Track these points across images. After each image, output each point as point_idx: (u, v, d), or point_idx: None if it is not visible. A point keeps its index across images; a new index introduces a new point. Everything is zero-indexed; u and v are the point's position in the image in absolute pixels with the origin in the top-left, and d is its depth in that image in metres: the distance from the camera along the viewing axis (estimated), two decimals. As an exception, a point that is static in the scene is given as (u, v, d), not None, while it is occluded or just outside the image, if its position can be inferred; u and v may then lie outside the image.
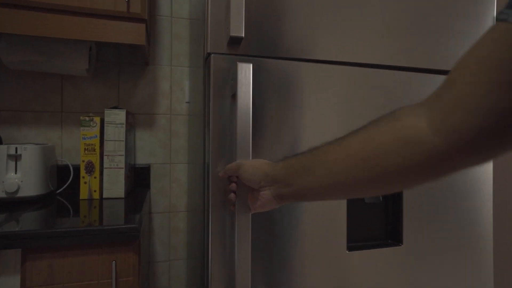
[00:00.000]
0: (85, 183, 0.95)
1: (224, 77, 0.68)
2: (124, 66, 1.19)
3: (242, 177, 0.57)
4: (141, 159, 1.22)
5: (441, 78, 0.84)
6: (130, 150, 1.09)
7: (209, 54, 0.70)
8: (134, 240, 0.70)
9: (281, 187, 0.52)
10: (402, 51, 0.82)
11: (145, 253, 1.19)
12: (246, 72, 0.64)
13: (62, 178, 1.09)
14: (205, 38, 0.70)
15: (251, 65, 0.64)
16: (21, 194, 0.88)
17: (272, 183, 0.53)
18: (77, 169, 1.10)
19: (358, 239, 0.81)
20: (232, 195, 0.61)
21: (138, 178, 1.20)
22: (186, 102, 1.25)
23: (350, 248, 0.77)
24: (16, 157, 0.89)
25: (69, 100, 1.13)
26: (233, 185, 0.61)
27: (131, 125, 1.10)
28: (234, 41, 0.67)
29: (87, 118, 0.95)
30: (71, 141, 1.13)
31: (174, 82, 1.25)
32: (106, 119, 0.97)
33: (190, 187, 1.27)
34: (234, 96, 0.65)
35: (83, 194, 0.95)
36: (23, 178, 0.88)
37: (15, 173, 0.89)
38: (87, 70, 1.04)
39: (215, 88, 0.68)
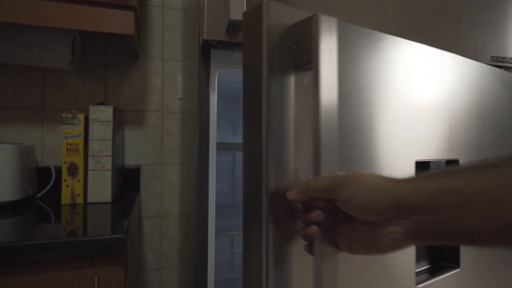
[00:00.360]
0: (67, 186, 0.86)
1: (276, 39, 0.39)
2: (112, 59, 1.10)
3: (351, 203, 0.34)
4: (130, 160, 1.13)
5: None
6: (117, 150, 1.00)
7: (205, 42, 0.62)
8: (119, 252, 0.62)
9: (427, 222, 0.32)
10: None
11: (134, 261, 1.11)
12: (330, 30, 0.37)
13: (44, 181, 1.00)
14: (201, 22, 0.62)
15: (336, 19, 0.38)
16: (-7, 199, 0.79)
17: (409, 214, 0.32)
18: (60, 171, 1.00)
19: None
20: (314, 229, 0.36)
21: (127, 181, 1.12)
22: (179, 99, 1.17)
23: (418, 281, 0.58)
24: (-12, 158, 0.80)
25: (51, 95, 1.04)
26: (319, 214, 0.36)
27: (119, 123, 1.02)
28: (234, 26, 0.59)
29: (69, 115, 0.87)
30: (54, 141, 1.04)
31: (166, 77, 1.16)
32: (91, 116, 0.88)
33: (184, 190, 1.19)
34: (303, 69, 0.40)
35: (65, 198, 0.86)
36: (-3, 182, 0.79)
37: (-13, 176, 0.79)
38: (71, 63, 0.95)
39: (269, 55, 0.38)
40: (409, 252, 0.56)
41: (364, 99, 0.49)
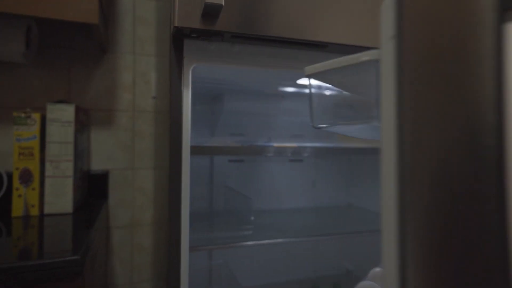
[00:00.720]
0: (19, 196, 0.75)
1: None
2: (76, 53, 0.99)
3: None
4: (97, 164, 1.02)
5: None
6: (81, 154, 0.90)
7: (177, 29, 0.53)
8: (75, 276, 0.52)
9: None
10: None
11: (100, 278, 1.00)
12: None
13: (-5, 189, 0.88)
14: (172, 7, 0.54)
15: None
16: None
17: None
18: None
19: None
20: None
21: (93, 187, 1.01)
22: (153, 98, 1.07)
23: None
24: None
25: (2, 92, 0.92)
26: None
27: (83, 124, 0.91)
28: (211, 11, 0.51)
29: (22, 114, 0.76)
30: (7, 143, 0.92)
31: (137, 73, 1.06)
32: (48, 115, 0.78)
33: (158, 196, 1.10)
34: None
35: (16, 210, 0.75)
36: None
37: None
38: (25, 55, 0.84)
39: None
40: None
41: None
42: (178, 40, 0.58)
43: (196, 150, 0.73)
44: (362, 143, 1.04)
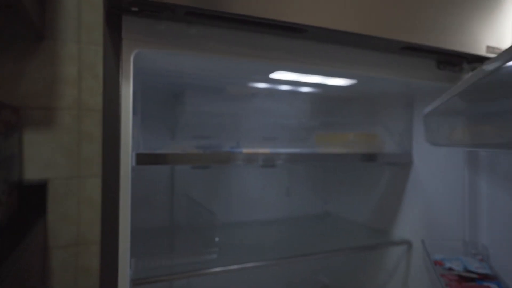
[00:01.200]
0: None
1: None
2: (5, 39, 0.83)
3: None
4: (32, 173, 0.86)
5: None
6: (7, 161, 0.73)
7: (111, 0, 0.40)
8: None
9: None
10: (394, 22, 0.60)
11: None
12: None
13: None
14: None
15: None
16: None
17: None
18: None
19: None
20: None
21: (28, 201, 0.84)
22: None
23: None
24: None
25: None
26: None
27: (10, 125, 0.75)
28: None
29: None
30: None
31: (84, 65, 0.91)
32: (-43, 113, 0.62)
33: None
34: None
35: None
36: None
37: None
38: None
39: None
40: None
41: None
42: (113, 16, 0.44)
43: (146, 159, 0.60)
44: (339, 148, 0.94)
